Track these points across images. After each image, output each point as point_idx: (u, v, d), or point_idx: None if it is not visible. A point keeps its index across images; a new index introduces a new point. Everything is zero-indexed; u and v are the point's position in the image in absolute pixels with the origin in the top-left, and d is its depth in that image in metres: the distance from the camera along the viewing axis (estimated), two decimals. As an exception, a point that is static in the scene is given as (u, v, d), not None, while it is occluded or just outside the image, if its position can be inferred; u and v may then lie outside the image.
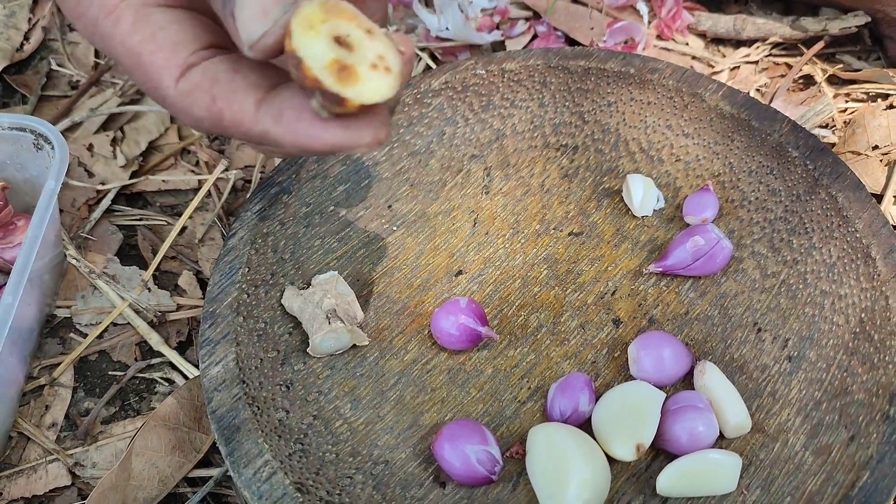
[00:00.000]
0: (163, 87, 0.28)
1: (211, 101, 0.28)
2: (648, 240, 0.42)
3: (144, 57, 0.28)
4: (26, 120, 0.41)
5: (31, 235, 0.38)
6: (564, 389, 0.36)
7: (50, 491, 0.38)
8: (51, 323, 0.43)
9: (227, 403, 0.35)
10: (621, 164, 0.44)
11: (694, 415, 0.35)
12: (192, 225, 0.47)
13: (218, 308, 0.38)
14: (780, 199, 0.41)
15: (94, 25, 0.29)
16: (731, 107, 0.43)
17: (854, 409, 0.34)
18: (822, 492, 0.32)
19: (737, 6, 0.56)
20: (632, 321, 0.39)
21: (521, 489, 0.35)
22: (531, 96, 0.45)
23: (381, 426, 0.36)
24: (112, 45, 0.29)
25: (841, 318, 0.37)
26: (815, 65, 0.52)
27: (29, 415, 0.40)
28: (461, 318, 0.37)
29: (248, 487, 0.33)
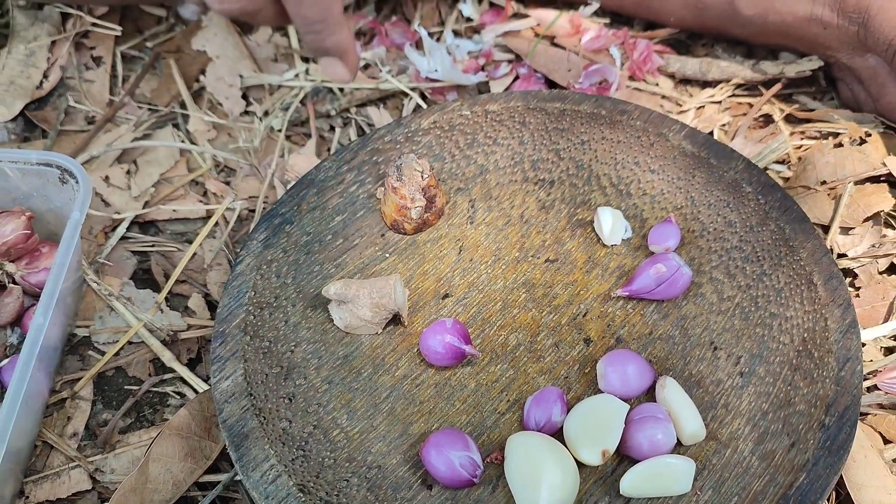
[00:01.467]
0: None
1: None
2: (617, 266, 0.46)
3: None
4: (52, 156, 0.46)
5: (58, 262, 0.42)
6: (539, 402, 0.40)
7: (72, 495, 0.42)
8: (71, 341, 0.47)
9: (237, 414, 0.39)
10: (593, 198, 0.49)
11: (654, 424, 0.39)
12: (201, 251, 0.51)
13: (227, 328, 0.42)
14: (735, 230, 0.46)
15: None
16: (693, 146, 0.47)
17: (796, 418, 0.39)
18: (765, 492, 0.37)
19: (703, 50, 0.61)
20: (601, 340, 0.43)
21: (500, 491, 0.39)
22: (512, 135, 0.50)
23: (375, 435, 0.40)
24: None
25: (787, 337, 0.42)
26: (774, 105, 0.57)
27: (52, 425, 0.44)
28: (447, 338, 0.41)
29: (255, 488, 0.37)
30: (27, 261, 0.46)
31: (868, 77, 0.52)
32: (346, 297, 0.42)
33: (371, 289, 0.42)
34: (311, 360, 0.43)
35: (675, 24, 0.60)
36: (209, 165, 0.55)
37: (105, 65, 0.61)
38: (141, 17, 0.64)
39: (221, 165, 0.55)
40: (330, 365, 0.43)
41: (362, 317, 0.43)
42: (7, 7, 0.63)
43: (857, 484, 0.39)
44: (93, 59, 0.61)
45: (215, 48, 0.60)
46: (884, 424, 0.42)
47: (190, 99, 0.58)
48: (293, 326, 0.43)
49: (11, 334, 0.45)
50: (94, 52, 0.61)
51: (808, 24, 0.53)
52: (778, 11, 0.53)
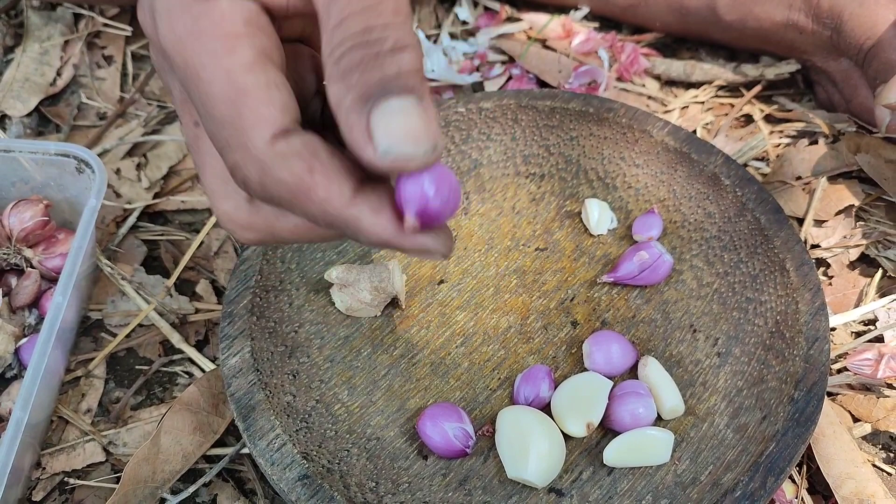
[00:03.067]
0: (253, 137, 0.27)
1: (307, 170, 0.27)
2: (603, 255, 0.49)
3: (250, 101, 0.27)
4: (69, 147, 0.48)
5: (76, 245, 0.44)
6: (528, 379, 0.43)
7: (87, 466, 0.44)
8: (85, 324, 0.50)
9: (244, 388, 0.41)
10: (581, 190, 0.51)
11: (636, 399, 0.41)
12: (208, 240, 0.53)
13: (235, 309, 0.44)
14: (714, 221, 0.48)
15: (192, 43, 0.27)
16: (675, 141, 0.50)
17: (767, 394, 0.41)
18: (738, 460, 0.39)
19: (688, 53, 0.64)
20: (587, 323, 0.46)
21: (491, 461, 0.41)
22: (504, 131, 0.52)
23: (374, 409, 0.43)
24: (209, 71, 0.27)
25: (761, 320, 0.44)
26: (754, 105, 0.59)
27: (67, 402, 0.46)
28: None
29: (262, 456, 0.39)
30: (44, 247, 0.48)
31: (841, 79, 0.55)
32: (347, 281, 0.45)
33: (371, 273, 0.45)
34: (313, 340, 0.45)
35: (661, 28, 0.63)
36: (216, 159, 0.57)
37: (116, 63, 0.63)
38: (150, 19, 0.67)
39: (227, 159, 0.58)
40: (332, 344, 0.45)
41: (362, 300, 0.45)
42: (22, 8, 0.65)
43: (827, 457, 0.42)
44: (104, 57, 0.64)
45: (222, 48, 0.63)
46: (853, 403, 0.45)
47: (197, 96, 0.61)
48: (297, 308, 0.46)
49: (29, 315, 0.47)
50: (105, 51, 0.64)
51: (785, 29, 0.56)
52: (757, 17, 0.56)
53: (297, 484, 0.38)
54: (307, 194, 0.27)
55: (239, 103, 0.27)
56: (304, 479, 0.38)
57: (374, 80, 0.26)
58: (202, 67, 0.27)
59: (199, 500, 0.43)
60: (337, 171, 0.28)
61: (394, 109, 0.26)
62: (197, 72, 0.28)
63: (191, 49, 0.28)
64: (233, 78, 0.27)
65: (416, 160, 0.26)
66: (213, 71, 0.27)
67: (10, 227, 0.47)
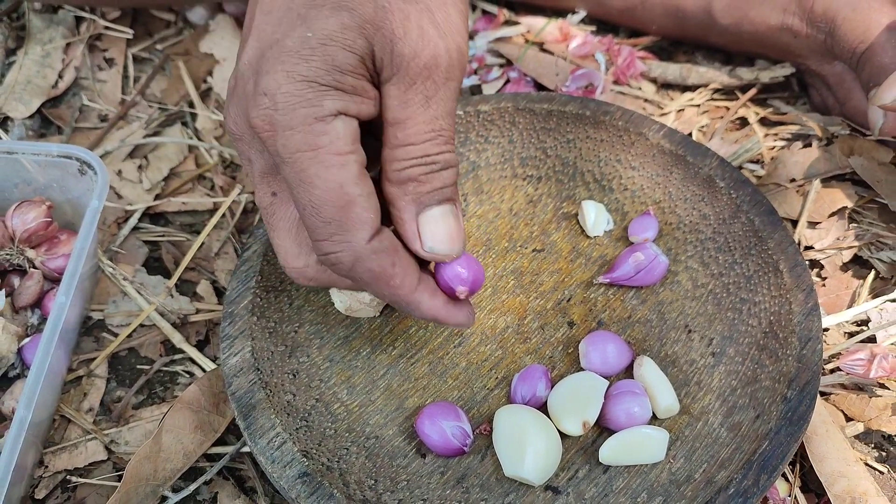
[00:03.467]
0: (356, 236, 0.34)
1: (391, 264, 0.35)
2: (599, 256, 0.49)
3: (357, 207, 0.34)
4: (72, 149, 0.49)
5: (79, 246, 0.45)
6: (525, 378, 0.43)
7: (89, 464, 0.45)
8: (87, 324, 0.50)
9: (245, 387, 0.42)
10: (577, 192, 0.52)
11: (631, 398, 0.42)
12: (209, 241, 0.54)
13: (235, 309, 0.45)
14: (709, 223, 0.49)
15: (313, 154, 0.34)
16: (670, 144, 0.50)
17: (761, 393, 0.42)
18: (731, 458, 0.40)
19: (684, 56, 0.64)
20: (584, 323, 0.47)
21: (489, 459, 0.42)
22: (502, 134, 0.53)
23: (373, 408, 0.43)
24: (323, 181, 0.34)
25: (755, 320, 0.45)
26: (749, 108, 0.60)
27: (69, 401, 0.47)
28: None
29: (262, 454, 0.40)
30: (46, 247, 0.49)
31: (835, 83, 0.56)
32: None
33: None
34: (313, 340, 0.46)
35: (658, 32, 0.64)
36: (216, 161, 0.58)
37: (117, 66, 0.64)
38: (151, 21, 0.67)
39: (228, 161, 0.58)
40: (331, 344, 0.46)
41: (361, 300, 0.46)
42: (23, 11, 0.66)
43: (819, 456, 0.43)
44: (105, 60, 0.65)
45: (222, 51, 0.64)
46: (845, 403, 0.46)
47: (198, 98, 0.62)
48: (297, 309, 0.46)
49: (32, 315, 0.48)
50: (106, 53, 0.65)
51: (780, 33, 0.56)
52: (752, 21, 0.57)
53: (297, 481, 0.39)
54: (387, 281, 0.36)
55: (347, 209, 0.34)
56: (303, 476, 0.39)
57: (425, 191, 0.35)
58: (317, 177, 0.34)
59: (199, 497, 0.44)
60: (410, 264, 0.36)
61: (437, 217, 0.36)
62: (312, 180, 0.34)
63: (308, 161, 0.34)
64: (344, 189, 0.34)
65: (451, 255, 0.37)
66: (326, 181, 0.34)
67: (13, 228, 0.48)
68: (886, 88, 0.47)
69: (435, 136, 0.35)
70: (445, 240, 0.36)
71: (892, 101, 0.46)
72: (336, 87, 0.34)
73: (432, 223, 0.36)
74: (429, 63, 0.34)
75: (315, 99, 0.34)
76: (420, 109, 0.35)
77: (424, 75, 0.34)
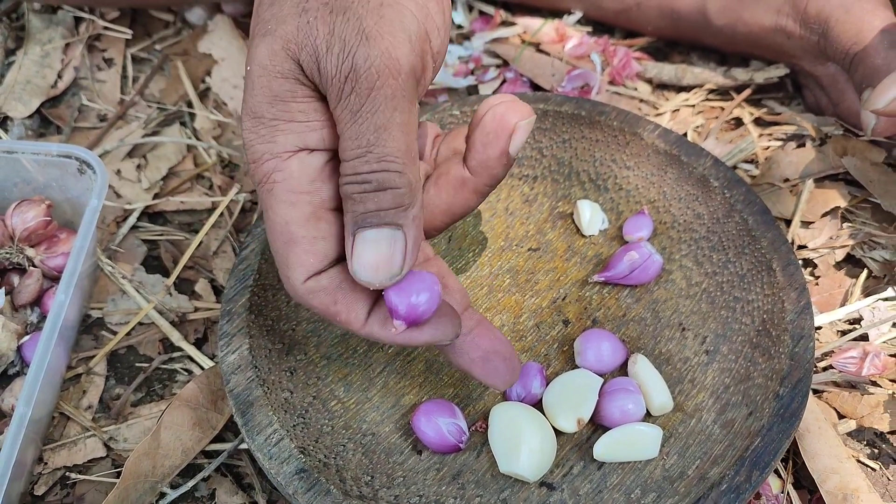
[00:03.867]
0: (292, 276, 0.35)
1: (332, 301, 0.35)
2: (594, 255, 0.50)
3: (296, 250, 0.34)
4: (71, 148, 0.49)
5: (78, 244, 0.45)
6: (521, 376, 0.44)
7: (88, 461, 0.45)
8: (86, 322, 0.51)
9: (243, 384, 0.42)
10: (573, 192, 0.52)
11: (625, 395, 0.42)
12: (207, 240, 0.54)
13: (233, 307, 0.45)
14: (703, 222, 0.49)
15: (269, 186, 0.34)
16: (665, 144, 0.51)
17: (754, 390, 0.42)
18: (724, 454, 0.40)
19: (679, 57, 0.65)
20: (578, 321, 0.47)
21: (484, 456, 0.42)
22: (498, 133, 0.53)
23: (369, 405, 0.44)
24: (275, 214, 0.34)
25: (748, 318, 0.45)
26: (744, 109, 0.61)
27: (69, 398, 0.47)
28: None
29: (260, 450, 0.40)
30: (46, 246, 0.49)
31: (829, 84, 0.56)
32: None
33: None
34: (310, 338, 0.46)
35: (653, 33, 0.64)
36: (214, 161, 0.58)
37: (116, 66, 0.64)
38: (150, 22, 0.68)
39: (226, 161, 0.59)
40: (328, 342, 0.46)
41: None
42: (23, 11, 0.66)
43: (812, 452, 0.43)
44: (104, 60, 0.65)
45: (221, 51, 0.64)
46: (838, 401, 0.46)
47: (196, 98, 0.62)
48: (294, 307, 0.47)
49: (32, 313, 0.48)
50: (105, 53, 0.65)
51: (774, 34, 0.57)
52: (746, 22, 0.57)
53: (294, 477, 0.39)
54: (333, 318, 0.36)
55: (289, 247, 0.35)
56: (301, 472, 0.39)
57: (359, 211, 0.33)
58: (272, 210, 0.35)
59: (198, 494, 0.44)
60: (354, 300, 0.35)
61: (367, 240, 0.33)
62: (267, 212, 0.35)
63: (266, 193, 0.35)
64: (289, 228, 0.34)
65: (374, 284, 0.34)
66: (277, 216, 0.35)
67: (13, 226, 0.48)
68: (879, 93, 0.47)
69: (364, 152, 0.33)
70: (369, 266, 0.33)
71: (884, 105, 0.47)
72: (284, 120, 0.34)
73: (361, 245, 0.33)
74: (350, 76, 0.32)
75: (268, 135, 0.34)
76: (348, 126, 0.33)
77: (347, 90, 0.32)
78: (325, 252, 0.35)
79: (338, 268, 0.35)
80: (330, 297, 0.35)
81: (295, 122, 0.34)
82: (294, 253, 0.34)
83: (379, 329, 0.35)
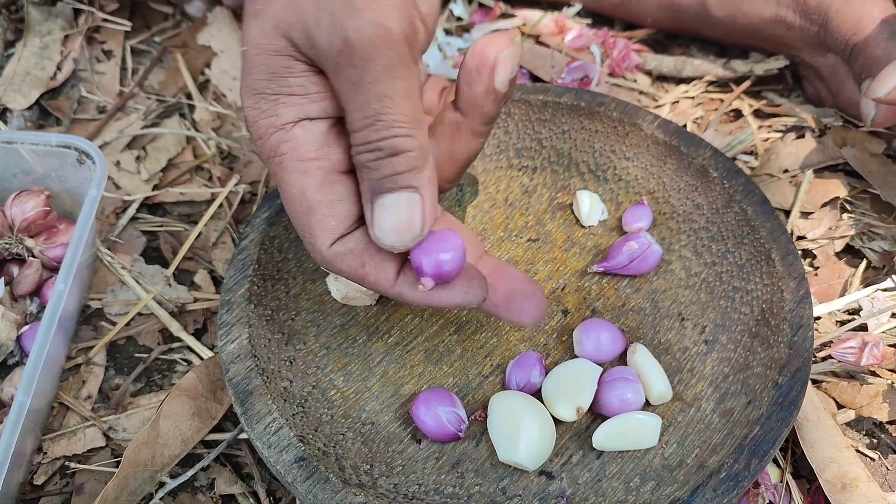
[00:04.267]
0: (318, 242, 0.35)
1: (360, 264, 0.35)
2: (593, 245, 0.50)
3: (317, 216, 0.35)
4: (71, 139, 0.49)
5: (77, 234, 0.45)
6: (520, 365, 0.44)
7: (87, 451, 0.45)
8: (85, 312, 0.51)
9: (242, 373, 0.42)
10: (572, 183, 0.52)
11: (624, 384, 0.42)
12: (207, 231, 0.54)
13: (233, 297, 0.45)
14: (702, 212, 0.49)
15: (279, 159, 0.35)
16: (664, 135, 0.51)
17: (753, 379, 0.42)
18: (723, 443, 0.40)
19: (679, 49, 0.65)
20: (578, 311, 0.47)
21: (483, 445, 0.42)
22: (497, 125, 0.53)
23: (368, 395, 0.44)
24: (289, 185, 0.35)
25: (747, 308, 0.45)
26: (744, 100, 0.61)
27: (68, 389, 0.47)
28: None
29: (259, 439, 0.40)
30: (45, 236, 0.49)
31: (828, 75, 0.56)
32: None
33: None
34: (310, 328, 0.46)
35: (653, 24, 0.64)
36: (213, 152, 0.58)
37: (115, 58, 0.64)
38: (149, 14, 0.68)
39: (225, 152, 0.59)
40: (328, 332, 0.46)
41: (357, 289, 0.46)
42: (22, 3, 0.66)
43: (811, 442, 0.43)
44: (104, 52, 0.65)
45: (220, 43, 0.64)
46: (836, 390, 0.46)
47: (196, 90, 0.62)
48: (294, 297, 0.47)
49: (31, 304, 0.48)
50: (104, 45, 0.65)
51: (774, 25, 0.57)
52: (746, 14, 0.57)
53: (293, 466, 0.39)
54: (362, 280, 0.36)
55: (309, 215, 0.35)
56: (300, 461, 0.39)
57: (376, 178, 0.34)
58: (285, 182, 0.35)
59: (197, 483, 0.44)
60: (382, 261, 0.36)
61: (386, 205, 0.34)
62: (282, 185, 0.36)
63: (277, 167, 0.35)
64: (306, 196, 0.35)
65: (397, 247, 0.35)
66: (292, 187, 0.35)
67: (12, 217, 0.48)
68: (880, 82, 0.47)
69: (372, 121, 0.33)
70: (391, 230, 0.34)
71: (885, 94, 0.47)
72: (285, 94, 0.34)
73: (381, 211, 0.34)
74: (343, 49, 0.32)
75: (270, 109, 0.34)
76: (351, 98, 0.33)
77: (344, 62, 0.32)
78: (345, 213, 0.35)
79: (362, 230, 0.36)
80: (357, 259, 0.36)
81: (295, 95, 0.35)
82: (315, 219, 0.35)
83: (409, 289, 0.36)
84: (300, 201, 0.35)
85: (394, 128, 0.33)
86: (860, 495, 0.41)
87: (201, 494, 0.44)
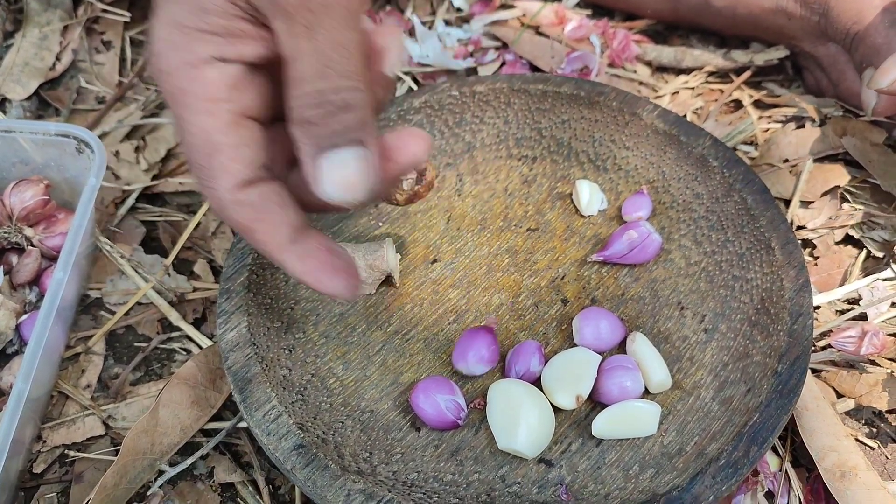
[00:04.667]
0: (218, 185, 0.33)
1: (254, 219, 0.34)
2: (593, 235, 0.50)
3: (221, 158, 0.33)
4: (70, 128, 0.49)
5: (76, 223, 0.45)
6: (519, 353, 0.44)
7: (87, 439, 0.45)
8: (84, 302, 0.51)
9: (241, 361, 0.42)
10: (572, 172, 0.52)
11: (623, 373, 0.42)
12: (206, 220, 0.54)
13: (232, 286, 0.45)
14: (702, 201, 0.49)
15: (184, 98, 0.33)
16: (664, 124, 0.51)
17: (752, 367, 0.42)
18: (722, 431, 0.40)
19: (679, 39, 0.65)
20: (577, 300, 0.47)
21: (483, 433, 0.42)
22: (497, 114, 0.53)
23: (368, 383, 0.44)
24: (191, 125, 0.33)
25: (747, 297, 0.45)
26: (744, 91, 0.60)
27: (67, 377, 0.47)
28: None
29: (258, 426, 0.40)
30: (44, 226, 0.49)
31: (829, 64, 0.56)
32: None
33: (365, 251, 0.46)
34: (309, 317, 0.46)
35: (653, 15, 0.64)
36: (213, 142, 0.58)
37: (114, 48, 0.64)
38: (148, 4, 0.67)
39: (225, 143, 0.59)
40: (327, 321, 0.46)
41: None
42: (21, -7, 0.66)
43: (810, 430, 0.43)
44: (103, 43, 0.65)
45: (219, 34, 0.64)
46: (836, 380, 0.46)
47: (195, 81, 0.62)
48: (293, 286, 0.47)
49: (30, 293, 0.48)
50: (104, 36, 0.65)
51: (774, 15, 0.56)
52: (746, 4, 0.57)
53: (292, 453, 0.39)
54: (249, 234, 0.35)
55: (212, 157, 0.33)
56: (299, 448, 0.39)
57: (323, 133, 0.32)
58: (187, 122, 0.33)
59: (196, 472, 0.44)
60: (279, 223, 0.34)
61: (335, 161, 0.32)
62: (183, 125, 0.34)
63: (180, 106, 0.33)
64: (211, 137, 0.33)
65: (350, 203, 0.33)
66: (194, 126, 0.33)
67: (11, 206, 0.48)
68: (883, 73, 0.47)
69: (324, 69, 0.32)
70: (342, 186, 0.32)
71: (888, 85, 0.46)
72: (206, 31, 0.33)
73: (329, 167, 0.32)
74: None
75: (185, 44, 0.33)
76: (304, 42, 0.31)
77: (300, 5, 0.31)
78: (250, 159, 0.34)
79: (273, 187, 0.35)
80: (255, 213, 0.34)
81: (216, 35, 0.33)
82: (218, 161, 0.33)
83: (296, 260, 0.35)
84: (203, 142, 0.33)
85: (347, 78, 0.32)
86: (859, 484, 0.41)
87: (200, 483, 0.44)
